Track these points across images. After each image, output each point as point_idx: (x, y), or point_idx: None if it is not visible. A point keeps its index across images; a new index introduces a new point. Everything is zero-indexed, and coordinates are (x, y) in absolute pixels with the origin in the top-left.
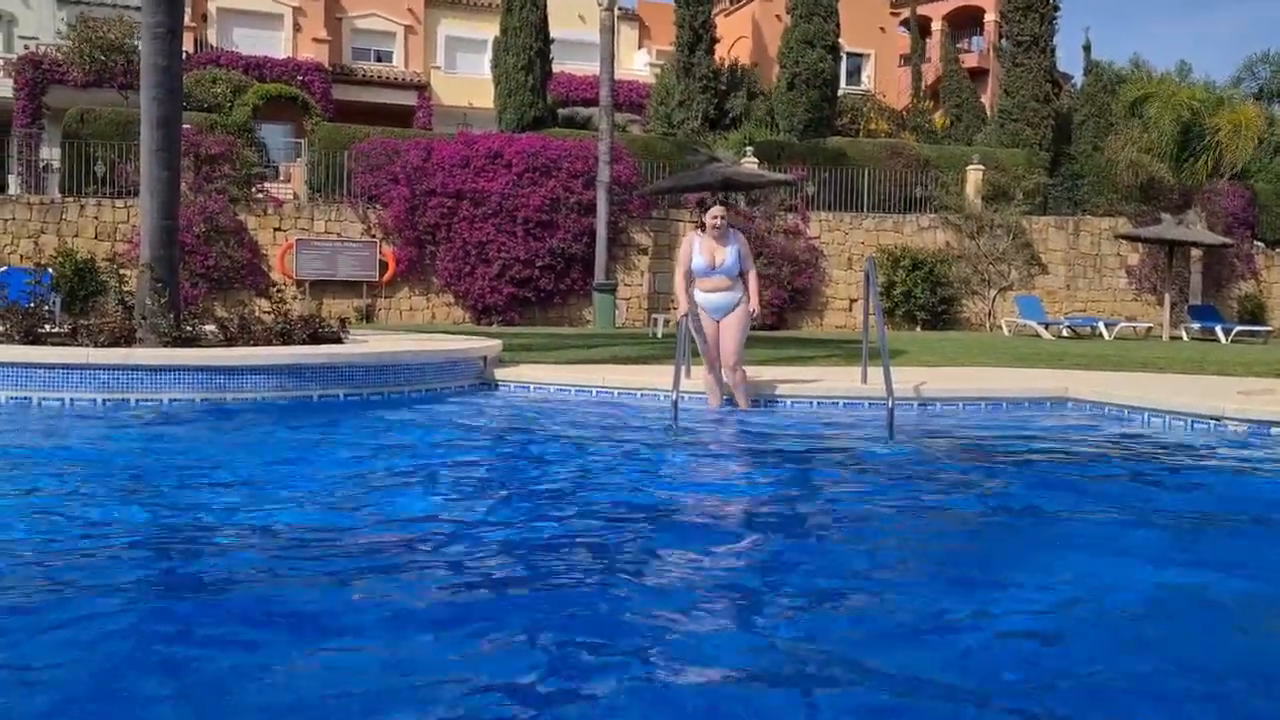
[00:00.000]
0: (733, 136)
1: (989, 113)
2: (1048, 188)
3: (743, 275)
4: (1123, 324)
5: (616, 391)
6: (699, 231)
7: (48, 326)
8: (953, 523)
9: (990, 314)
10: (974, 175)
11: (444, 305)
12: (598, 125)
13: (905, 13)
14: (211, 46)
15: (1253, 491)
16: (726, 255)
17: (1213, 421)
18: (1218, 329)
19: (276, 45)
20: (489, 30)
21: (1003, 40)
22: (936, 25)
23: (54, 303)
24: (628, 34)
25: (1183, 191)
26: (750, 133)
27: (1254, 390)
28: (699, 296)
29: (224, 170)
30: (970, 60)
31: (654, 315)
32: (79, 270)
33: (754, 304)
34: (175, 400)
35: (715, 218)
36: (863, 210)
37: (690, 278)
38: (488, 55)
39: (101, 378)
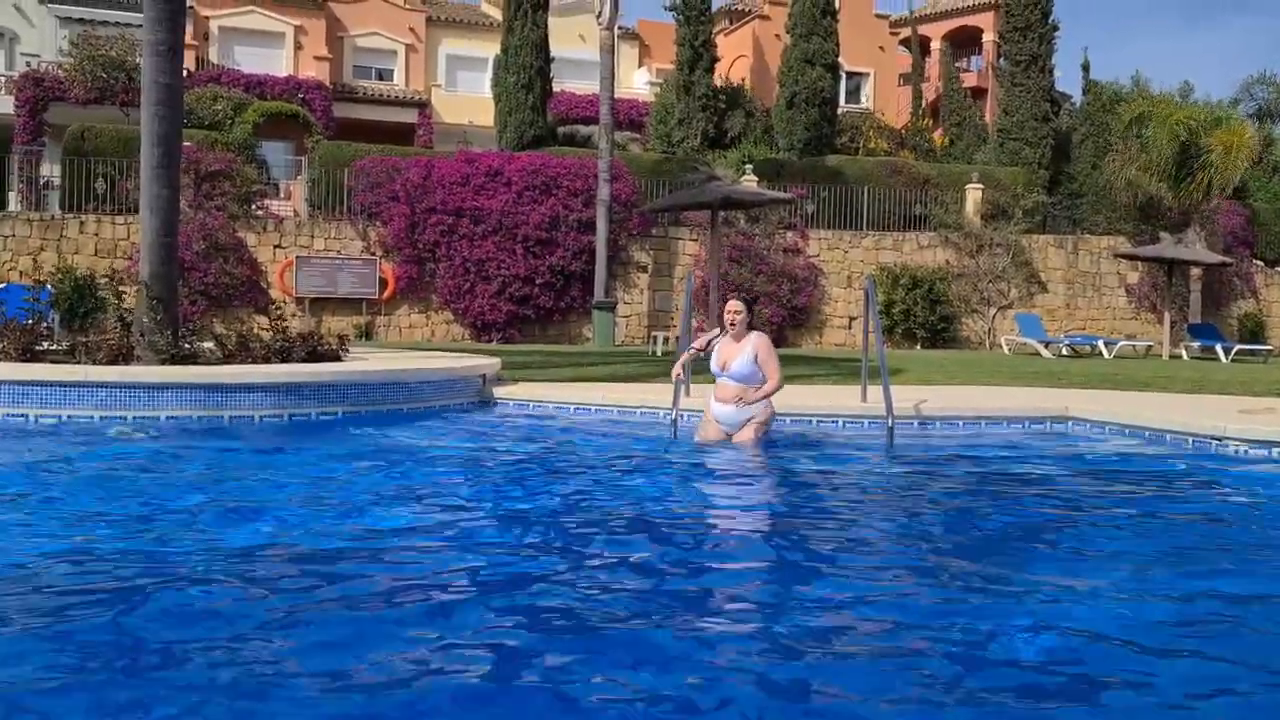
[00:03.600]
0: (732, 155)
1: (988, 131)
2: (1047, 206)
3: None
4: (1123, 343)
5: (616, 409)
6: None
7: (46, 344)
8: (954, 538)
9: (990, 332)
10: (973, 194)
11: (443, 323)
12: (598, 143)
13: (905, 32)
14: (213, 64)
15: (1255, 510)
16: (739, 359)
17: (1214, 441)
18: (1218, 348)
19: (278, 63)
20: (490, 49)
21: (1001, 60)
22: (936, 44)
23: (53, 319)
24: (628, 53)
25: (1181, 210)
26: (749, 151)
27: (1255, 409)
28: (711, 401)
29: (224, 187)
30: (970, 79)
31: (653, 333)
32: (78, 287)
33: (752, 394)
34: (173, 418)
35: (730, 313)
36: (862, 228)
37: (708, 350)
38: (488, 74)
39: (99, 395)
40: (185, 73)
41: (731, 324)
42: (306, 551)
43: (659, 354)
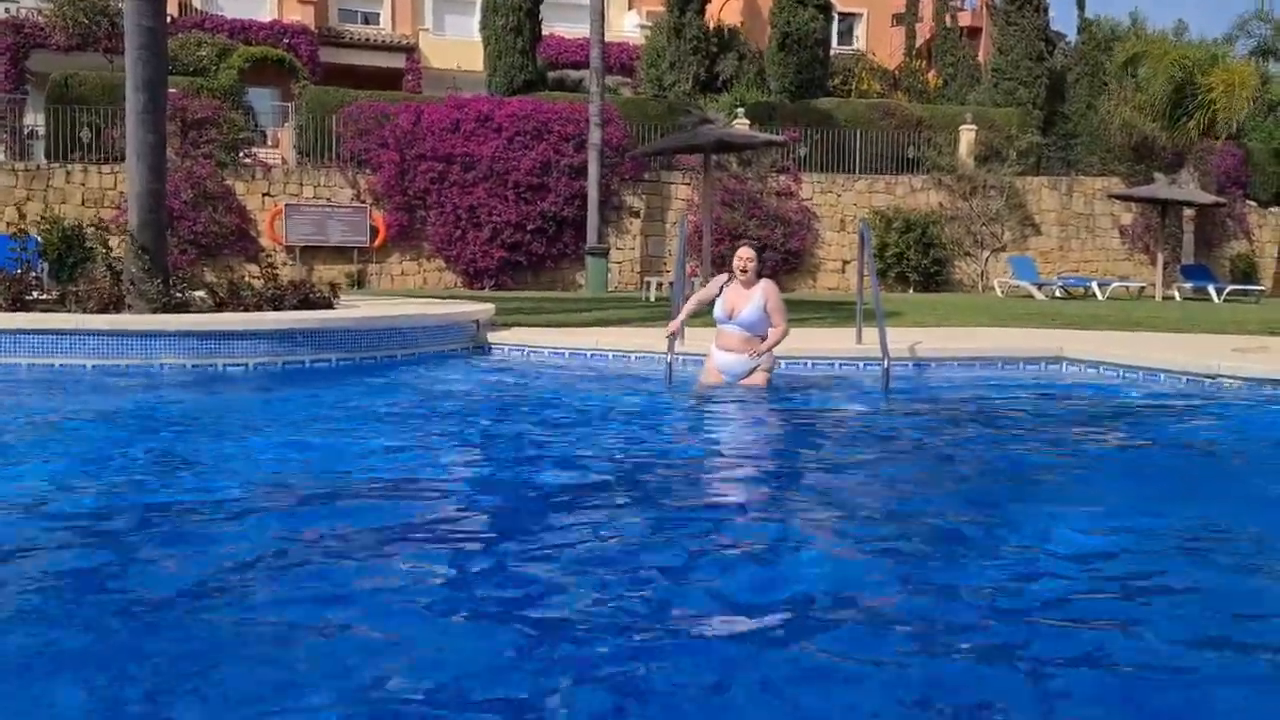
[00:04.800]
0: (724, 98)
1: (982, 72)
2: (1041, 147)
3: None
4: (1116, 284)
5: (610, 354)
6: (730, 276)
7: (36, 293)
8: (951, 476)
9: (983, 275)
10: (967, 135)
11: (435, 270)
12: (588, 88)
13: None
14: (196, 10)
15: (1247, 447)
16: (748, 306)
17: (1207, 379)
18: (1210, 288)
19: (261, 8)
20: None
21: None
22: None
23: (41, 269)
24: None
25: (1176, 151)
26: (741, 94)
27: (1248, 348)
28: (713, 350)
29: (211, 135)
30: (964, 18)
31: (647, 279)
32: (66, 237)
33: (761, 346)
34: (166, 365)
35: (743, 259)
36: (855, 172)
37: (703, 306)
38: (476, 17)
39: (90, 343)
40: (168, 18)
41: (744, 271)
42: (307, 495)
43: (653, 299)
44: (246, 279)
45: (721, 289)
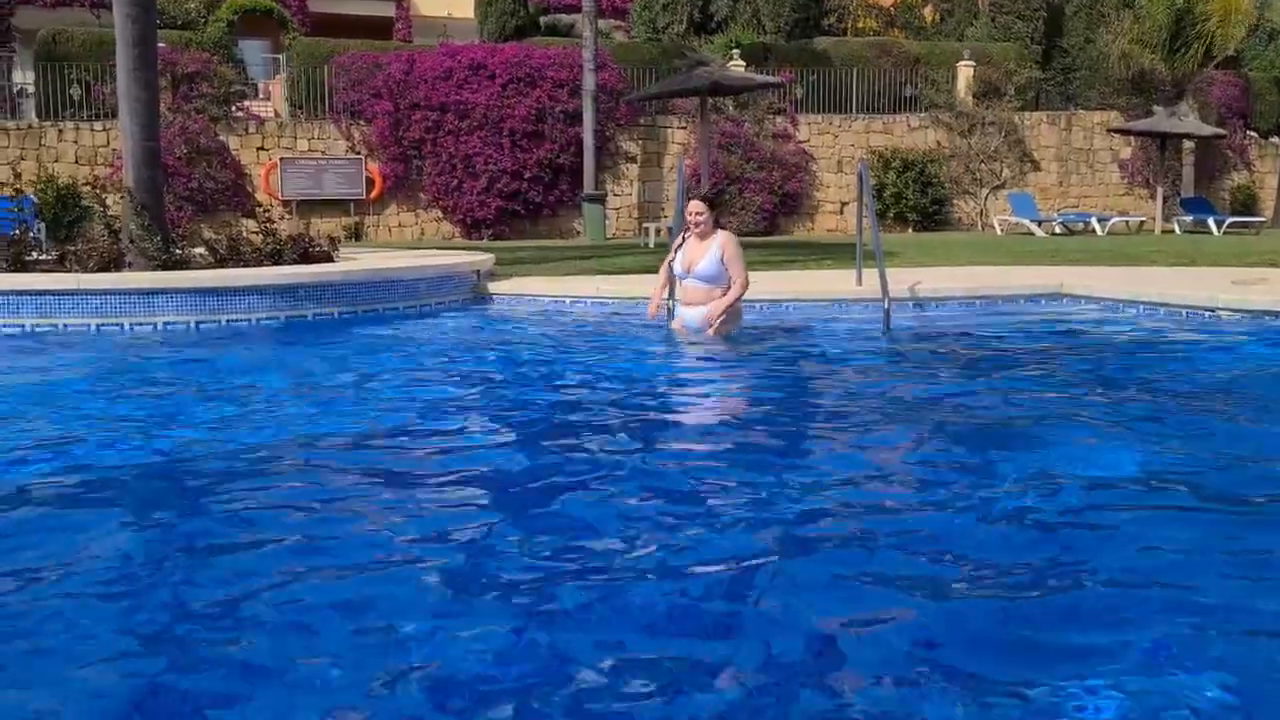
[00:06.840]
0: (718, 39)
1: (980, 6)
2: (1040, 82)
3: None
4: (1115, 219)
5: (611, 301)
6: (688, 230)
7: (35, 254)
8: (952, 413)
9: (982, 213)
10: (965, 72)
11: (433, 221)
12: (581, 32)
13: None
14: None
15: (1246, 377)
16: (705, 259)
17: (1207, 312)
18: (1210, 221)
19: None
20: None
21: None
22: None
23: (39, 230)
24: None
25: (1175, 82)
26: (736, 35)
27: (1247, 280)
28: (679, 306)
29: (202, 89)
30: None
31: (645, 225)
32: (62, 196)
33: (713, 309)
34: (170, 324)
35: (693, 214)
36: (852, 112)
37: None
38: None
39: (93, 303)
40: None
41: (697, 225)
42: (317, 448)
43: (652, 245)
44: (245, 234)
45: (683, 242)
